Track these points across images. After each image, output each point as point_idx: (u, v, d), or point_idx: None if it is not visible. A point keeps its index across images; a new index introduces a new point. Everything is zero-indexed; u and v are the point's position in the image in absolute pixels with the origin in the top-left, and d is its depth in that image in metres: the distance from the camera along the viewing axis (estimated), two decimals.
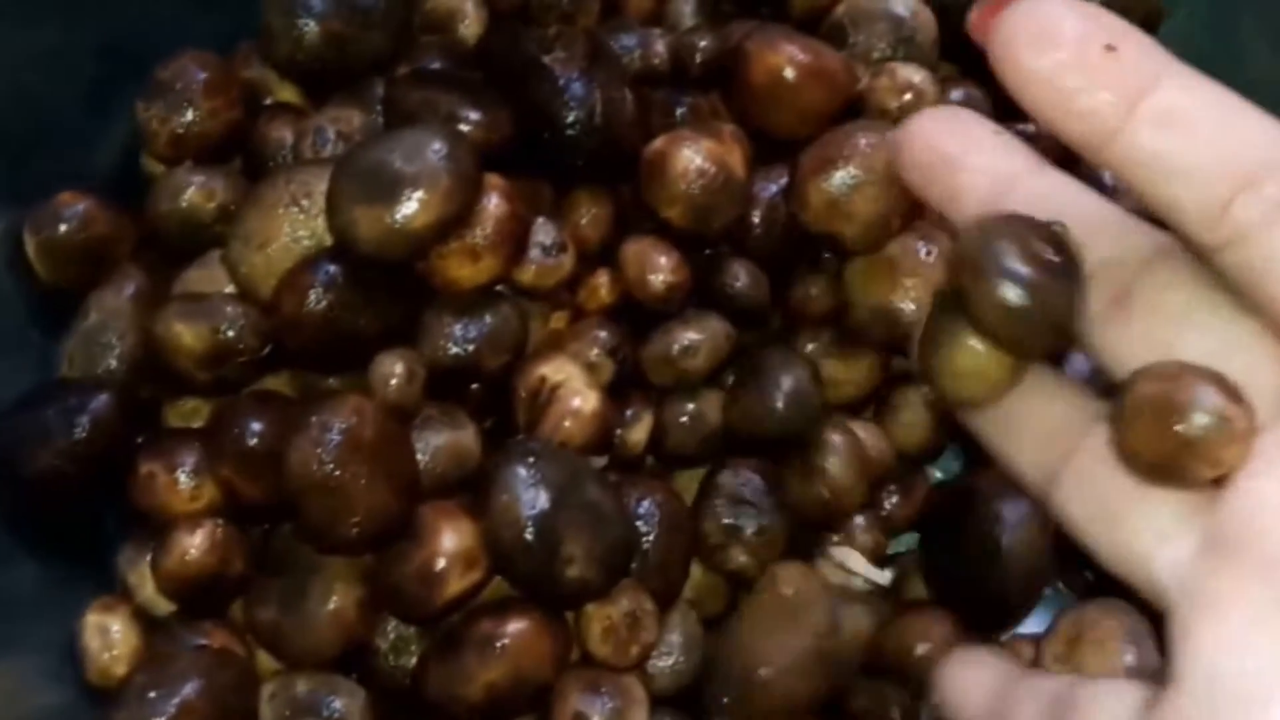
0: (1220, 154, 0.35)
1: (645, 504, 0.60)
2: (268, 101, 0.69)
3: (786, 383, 0.61)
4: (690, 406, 0.63)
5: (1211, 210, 0.36)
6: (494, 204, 0.58)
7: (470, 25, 0.71)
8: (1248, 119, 0.36)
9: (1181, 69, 0.37)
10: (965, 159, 0.44)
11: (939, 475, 0.70)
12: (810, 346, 0.66)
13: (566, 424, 0.59)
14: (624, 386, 0.62)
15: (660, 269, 0.62)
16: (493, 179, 0.58)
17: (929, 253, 0.63)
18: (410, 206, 0.54)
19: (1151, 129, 0.36)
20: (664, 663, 0.60)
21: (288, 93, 0.69)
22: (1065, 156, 0.70)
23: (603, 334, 0.62)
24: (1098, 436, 0.40)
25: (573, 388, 0.59)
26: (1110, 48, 0.36)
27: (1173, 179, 0.36)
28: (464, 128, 0.59)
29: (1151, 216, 0.39)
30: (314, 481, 0.53)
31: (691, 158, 0.61)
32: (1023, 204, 0.41)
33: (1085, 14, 0.37)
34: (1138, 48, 0.37)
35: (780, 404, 0.60)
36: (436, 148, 0.55)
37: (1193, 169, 0.35)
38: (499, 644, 0.55)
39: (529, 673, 0.56)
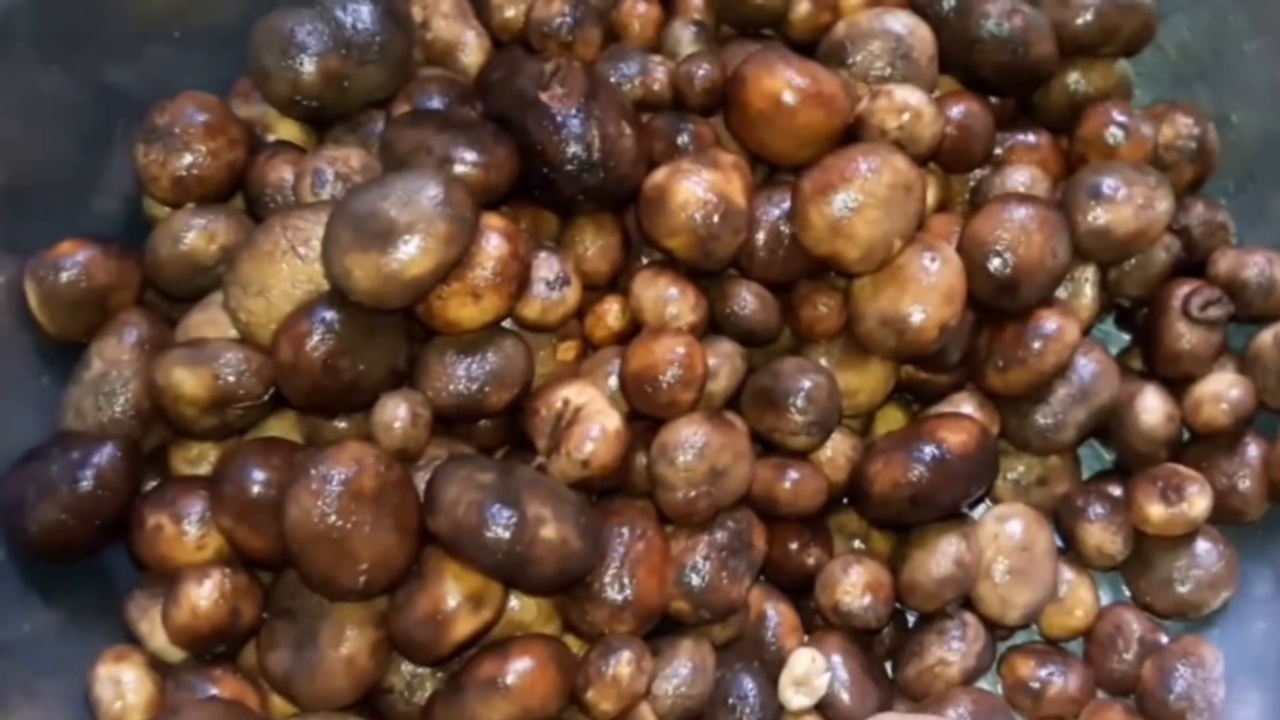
0: None
1: (621, 529, 0.56)
2: (270, 139, 0.65)
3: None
4: None
5: None
6: (494, 244, 0.54)
7: (471, 54, 0.67)
8: None
9: None
10: None
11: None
12: (824, 360, 0.63)
13: (589, 445, 0.55)
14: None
15: (678, 305, 0.59)
16: (492, 219, 0.55)
17: (933, 262, 0.60)
18: (406, 254, 0.51)
19: None
20: (669, 686, 0.57)
21: (288, 129, 0.65)
22: (1067, 170, 0.68)
23: (619, 363, 0.59)
24: None
25: (595, 408, 0.56)
26: None
27: None
28: (461, 169, 0.56)
29: None
30: (316, 533, 0.50)
31: (692, 190, 0.58)
32: None
33: None
34: None
35: None
36: (432, 193, 0.52)
37: None
38: (503, 684, 0.52)
39: (535, 710, 0.53)
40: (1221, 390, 0.65)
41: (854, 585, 0.59)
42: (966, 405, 0.64)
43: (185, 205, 0.61)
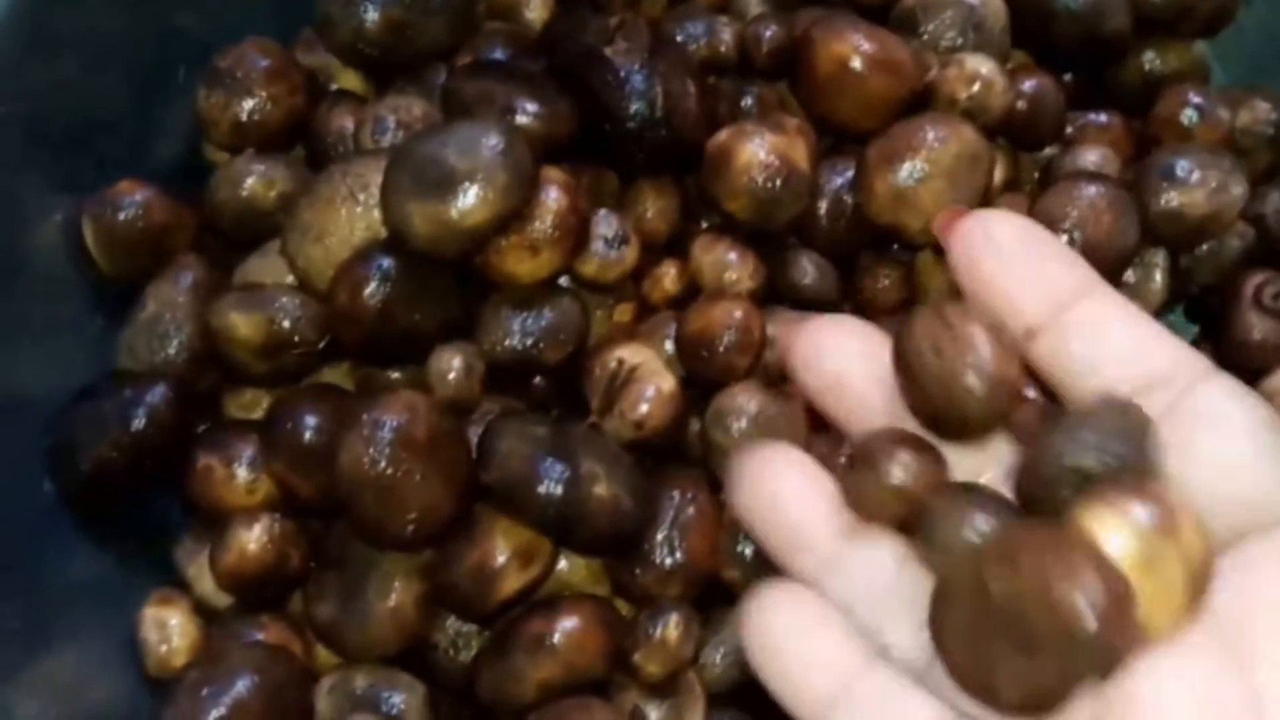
0: (1125, 362, 0.40)
1: (671, 493, 0.55)
2: (332, 88, 0.65)
3: None
4: None
5: None
6: (553, 197, 0.54)
7: (535, 10, 0.67)
8: (1152, 334, 0.40)
9: (1105, 289, 0.41)
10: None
11: None
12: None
13: (644, 406, 0.55)
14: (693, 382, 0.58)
15: (738, 270, 0.59)
16: (552, 172, 0.54)
17: None
18: (465, 202, 0.50)
19: (1072, 335, 0.40)
20: (716, 655, 0.56)
21: (350, 79, 0.65)
22: (1139, 151, 0.67)
23: (675, 326, 0.59)
24: None
25: (651, 369, 0.55)
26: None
27: (1085, 377, 0.40)
28: (522, 120, 0.55)
29: None
30: (366, 479, 0.49)
31: (755, 152, 0.57)
32: None
33: (1024, 231, 0.41)
34: (1069, 264, 0.41)
35: None
36: (493, 142, 0.51)
37: (1101, 371, 0.40)
38: (550, 642, 0.52)
39: (582, 670, 0.52)
40: None
41: None
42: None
43: (245, 151, 0.61)
